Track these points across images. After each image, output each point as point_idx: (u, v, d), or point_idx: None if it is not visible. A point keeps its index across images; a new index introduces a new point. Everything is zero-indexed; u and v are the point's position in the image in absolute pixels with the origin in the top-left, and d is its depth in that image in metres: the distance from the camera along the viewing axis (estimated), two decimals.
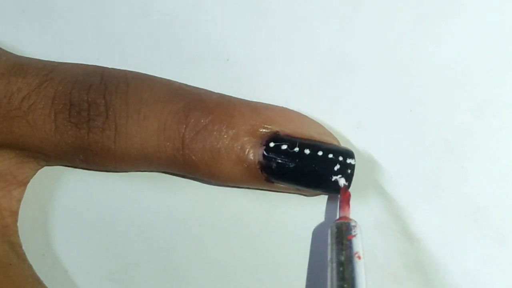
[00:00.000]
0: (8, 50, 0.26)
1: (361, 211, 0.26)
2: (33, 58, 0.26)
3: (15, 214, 0.26)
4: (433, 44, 0.27)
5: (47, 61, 0.26)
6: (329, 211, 0.26)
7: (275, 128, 0.25)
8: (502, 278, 0.26)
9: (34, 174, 0.26)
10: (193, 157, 0.24)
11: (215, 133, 0.24)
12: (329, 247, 0.23)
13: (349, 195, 0.24)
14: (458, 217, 0.26)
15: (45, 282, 0.25)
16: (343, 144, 0.26)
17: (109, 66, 0.26)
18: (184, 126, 0.24)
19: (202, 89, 0.26)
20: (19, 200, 0.26)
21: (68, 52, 0.27)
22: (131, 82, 0.25)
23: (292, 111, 0.26)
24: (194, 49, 0.27)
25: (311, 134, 0.25)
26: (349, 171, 0.25)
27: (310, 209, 0.26)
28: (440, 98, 0.27)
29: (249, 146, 0.25)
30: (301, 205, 0.26)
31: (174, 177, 0.27)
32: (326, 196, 0.26)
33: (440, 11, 0.27)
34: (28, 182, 0.26)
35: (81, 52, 0.27)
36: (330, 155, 0.24)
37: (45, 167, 0.27)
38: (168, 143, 0.24)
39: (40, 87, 0.24)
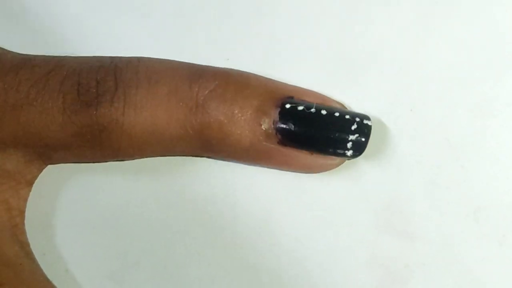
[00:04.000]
0: (9, 49, 0.26)
1: (361, 210, 0.26)
2: (41, 55, 0.26)
3: (22, 213, 0.26)
4: (433, 44, 0.27)
5: (55, 55, 0.26)
6: (330, 208, 0.26)
7: (291, 93, 0.25)
8: (502, 278, 0.26)
9: (39, 173, 0.26)
10: (206, 115, 0.24)
11: (229, 92, 0.24)
12: None
13: None
14: (458, 217, 0.26)
15: None
16: None
17: None
18: (197, 85, 0.24)
19: None
20: (26, 200, 0.26)
21: (68, 52, 0.27)
22: (142, 59, 0.25)
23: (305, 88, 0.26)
24: (194, 49, 0.27)
25: (325, 103, 0.25)
26: (366, 130, 0.25)
27: (311, 207, 0.26)
28: (440, 98, 0.27)
29: (265, 107, 0.24)
30: (302, 203, 0.26)
31: (175, 177, 0.27)
32: (327, 193, 0.26)
33: (440, 11, 0.27)
34: (34, 181, 0.26)
35: (81, 52, 0.27)
36: (347, 116, 0.25)
37: (48, 167, 0.27)
38: (181, 104, 0.24)
39: (49, 75, 0.24)
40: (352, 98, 0.27)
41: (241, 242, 0.26)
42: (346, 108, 0.26)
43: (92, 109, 0.24)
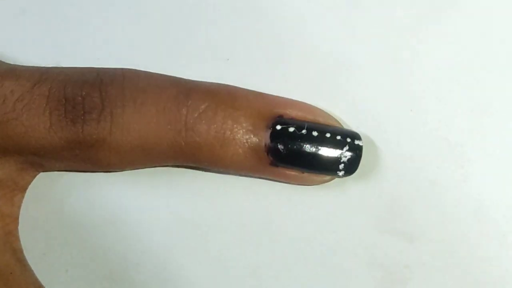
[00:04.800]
0: (7, 50, 0.26)
1: (361, 210, 0.26)
2: (26, 65, 0.26)
3: (16, 220, 0.26)
4: (433, 44, 0.27)
5: (40, 66, 0.25)
6: (330, 209, 0.26)
7: (280, 111, 0.25)
8: (502, 278, 0.26)
9: (32, 180, 0.26)
10: (196, 139, 0.24)
11: (219, 114, 0.24)
12: None
13: None
14: (458, 217, 0.26)
15: (45, 282, 0.25)
16: None
17: (109, 66, 0.26)
18: (185, 108, 0.24)
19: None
20: (19, 207, 0.26)
21: (68, 52, 0.27)
22: (127, 75, 0.25)
23: (294, 99, 0.26)
24: (194, 49, 0.27)
25: (316, 118, 0.25)
26: (357, 151, 0.25)
27: (311, 208, 0.26)
28: (440, 98, 0.27)
29: (255, 128, 0.24)
30: (302, 203, 0.26)
31: (174, 177, 0.27)
32: (327, 193, 0.26)
33: (440, 11, 0.27)
34: (27, 188, 0.26)
35: (81, 52, 0.27)
36: (338, 137, 0.25)
37: None
38: (169, 127, 0.24)
39: (34, 88, 0.24)
40: (352, 98, 0.27)
41: (241, 242, 0.26)
42: (337, 122, 0.26)
43: (78, 126, 0.24)
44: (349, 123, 0.27)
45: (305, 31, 0.27)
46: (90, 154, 0.25)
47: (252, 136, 0.24)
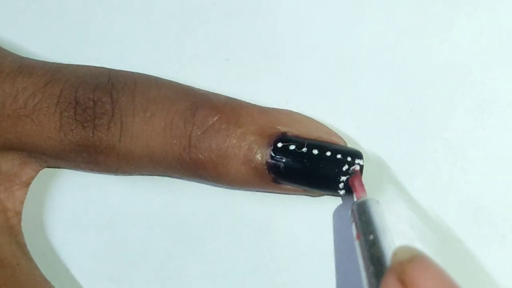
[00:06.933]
0: (9, 50, 0.26)
1: None
2: (39, 60, 0.26)
3: (19, 215, 0.26)
4: (433, 44, 0.27)
5: (53, 62, 0.26)
6: (332, 211, 0.26)
7: (283, 129, 0.25)
8: (502, 278, 0.26)
9: (36, 175, 0.26)
10: (199, 155, 0.24)
11: (222, 132, 0.24)
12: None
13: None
14: (458, 217, 0.26)
15: None
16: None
17: (109, 66, 0.26)
18: (191, 124, 0.24)
19: (209, 91, 0.26)
20: (22, 202, 0.26)
21: (68, 52, 0.27)
22: (138, 82, 0.25)
23: (298, 113, 0.26)
24: (194, 49, 0.27)
25: (319, 135, 0.25)
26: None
27: (313, 211, 0.26)
28: (440, 98, 0.26)
29: (256, 146, 0.24)
30: (303, 206, 0.26)
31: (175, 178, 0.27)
32: (330, 196, 0.26)
33: (440, 11, 0.27)
34: (30, 183, 0.26)
35: (81, 52, 0.27)
36: (339, 156, 0.24)
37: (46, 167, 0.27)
38: (175, 141, 0.24)
39: (46, 87, 0.24)
40: (352, 98, 0.27)
41: (241, 242, 0.26)
42: (341, 139, 0.26)
43: (88, 130, 0.24)
44: (349, 123, 0.27)
45: (305, 31, 0.27)
46: (98, 158, 0.25)
47: (253, 153, 0.25)
